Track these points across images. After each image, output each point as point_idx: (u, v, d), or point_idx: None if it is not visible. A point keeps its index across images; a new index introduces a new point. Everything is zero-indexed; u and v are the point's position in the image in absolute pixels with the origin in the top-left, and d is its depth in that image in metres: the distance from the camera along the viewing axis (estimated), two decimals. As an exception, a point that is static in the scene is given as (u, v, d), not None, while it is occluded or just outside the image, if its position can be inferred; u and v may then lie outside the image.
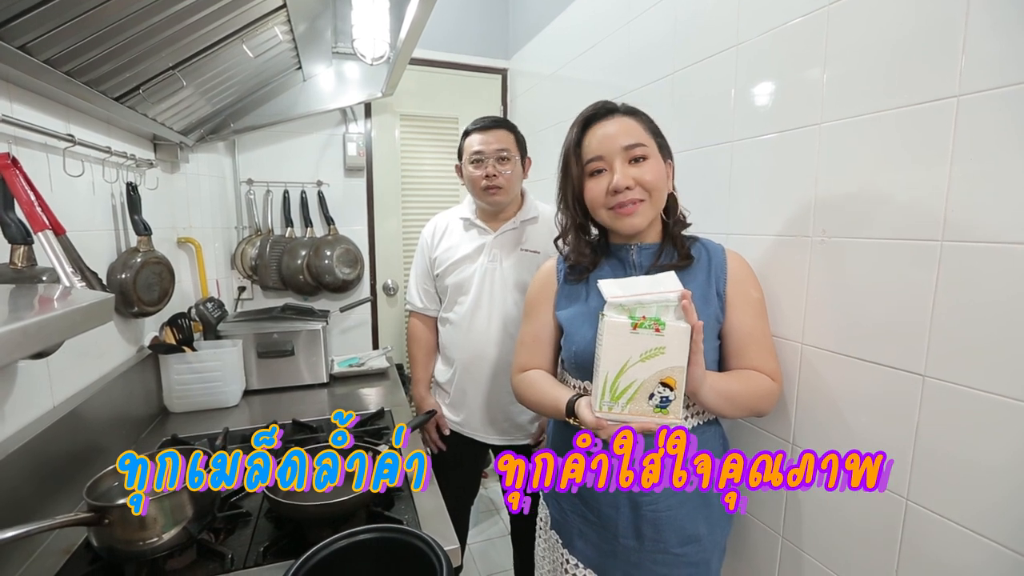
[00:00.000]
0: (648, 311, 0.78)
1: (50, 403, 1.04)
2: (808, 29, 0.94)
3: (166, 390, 1.52)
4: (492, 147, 1.40)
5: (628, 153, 0.91)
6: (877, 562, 0.87)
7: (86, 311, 0.50)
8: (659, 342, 0.77)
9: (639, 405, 0.80)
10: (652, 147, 0.93)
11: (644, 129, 0.94)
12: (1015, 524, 0.69)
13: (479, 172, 1.40)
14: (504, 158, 1.41)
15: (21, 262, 0.84)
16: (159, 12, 0.94)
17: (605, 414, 0.81)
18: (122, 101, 1.17)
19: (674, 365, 0.78)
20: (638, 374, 0.79)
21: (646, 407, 0.80)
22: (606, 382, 0.80)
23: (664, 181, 0.93)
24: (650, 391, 0.79)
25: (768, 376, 0.93)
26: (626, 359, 0.79)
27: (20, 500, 0.88)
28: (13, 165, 0.84)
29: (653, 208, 0.93)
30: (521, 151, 1.46)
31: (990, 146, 0.69)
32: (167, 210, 1.67)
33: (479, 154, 1.40)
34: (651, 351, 0.78)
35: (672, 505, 0.92)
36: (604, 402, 0.81)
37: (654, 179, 0.91)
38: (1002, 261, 0.69)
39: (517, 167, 1.44)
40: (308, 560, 0.78)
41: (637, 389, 0.79)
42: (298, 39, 1.53)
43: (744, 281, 0.95)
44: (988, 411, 0.71)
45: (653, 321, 0.77)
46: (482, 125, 1.44)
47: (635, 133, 0.92)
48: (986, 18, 0.69)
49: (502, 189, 1.40)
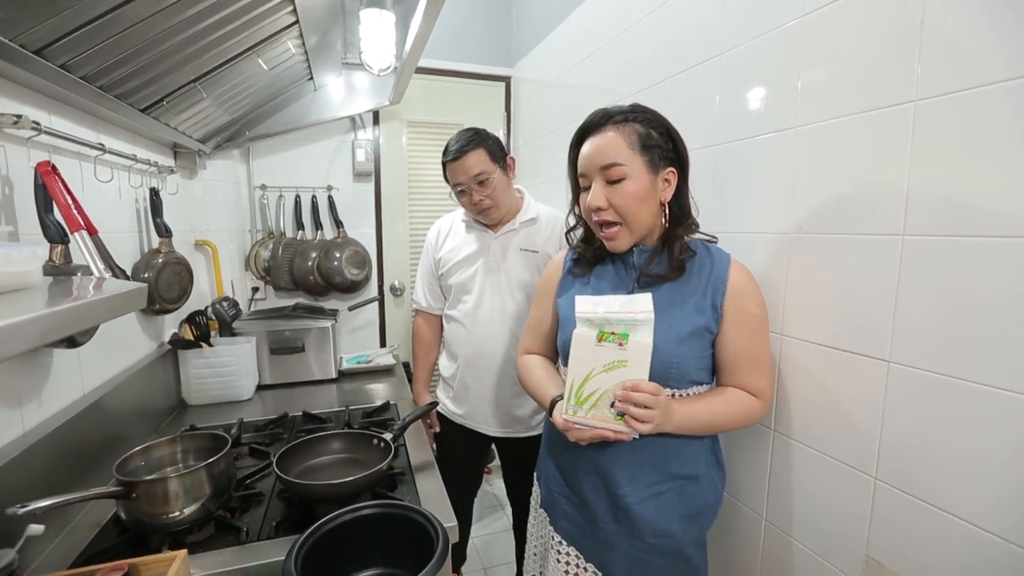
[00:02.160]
0: (616, 327, 0.85)
1: (80, 392, 1.12)
2: (784, 40, 1.00)
3: (184, 383, 1.60)
4: (469, 175, 1.40)
5: (604, 174, 0.92)
6: (851, 538, 0.92)
7: (124, 297, 0.57)
8: (621, 355, 0.84)
9: (601, 412, 0.86)
10: (634, 164, 0.91)
11: (629, 144, 0.91)
12: (976, 500, 0.74)
13: (465, 200, 1.46)
14: (484, 181, 1.41)
15: (59, 260, 0.92)
16: (183, 31, 1.03)
17: (571, 417, 0.88)
18: (148, 112, 1.26)
19: (634, 378, 0.84)
20: (600, 383, 0.85)
21: (607, 414, 0.86)
22: (572, 388, 0.87)
23: (642, 201, 0.92)
24: (611, 400, 0.85)
25: (754, 394, 0.95)
26: (590, 368, 0.86)
27: (53, 479, 0.96)
28: (53, 172, 0.92)
29: (631, 231, 0.94)
30: (498, 160, 1.44)
31: (944, 147, 0.75)
32: (186, 214, 1.76)
33: (459, 185, 1.43)
34: (613, 363, 0.85)
35: (643, 499, 0.95)
36: (570, 406, 0.88)
37: (626, 202, 0.91)
38: (960, 254, 0.74)
39: (500, 179, 1.44)
40: (315, 532, 0.85)
41: (600, 397, 0.86)
42: (309, 52, 1.62)
43: (744, 296, 0.93)
44: (951, 394, 0.76)
45: (618, 336, 0.84)
46: (453, 154, 1.41)
47: (614, 151, 0.91)
48: (940, 32, 0.75)
49: (492, 207, 1.45)
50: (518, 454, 1.56)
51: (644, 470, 0.95)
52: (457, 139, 1.44)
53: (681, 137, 0.96)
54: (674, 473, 0.96)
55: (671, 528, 0.96)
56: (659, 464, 0.96)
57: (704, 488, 0.99)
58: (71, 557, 0.89)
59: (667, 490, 0.96)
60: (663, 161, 0.93)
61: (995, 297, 0.70)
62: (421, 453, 1.30)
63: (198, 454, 1.10)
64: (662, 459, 0.96)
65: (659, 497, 0.96)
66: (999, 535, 0.71)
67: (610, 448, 0.96)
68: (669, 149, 0.94)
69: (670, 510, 0.96)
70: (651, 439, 0.93)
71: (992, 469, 0.71)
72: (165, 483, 0.92)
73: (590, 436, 0.89)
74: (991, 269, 0.70)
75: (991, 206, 0.70)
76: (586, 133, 0.97)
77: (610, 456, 0.96)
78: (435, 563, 0.76)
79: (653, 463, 0.96)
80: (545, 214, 1.53)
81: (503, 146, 1.50)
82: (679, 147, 0.95)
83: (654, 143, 0.93)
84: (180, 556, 0.80)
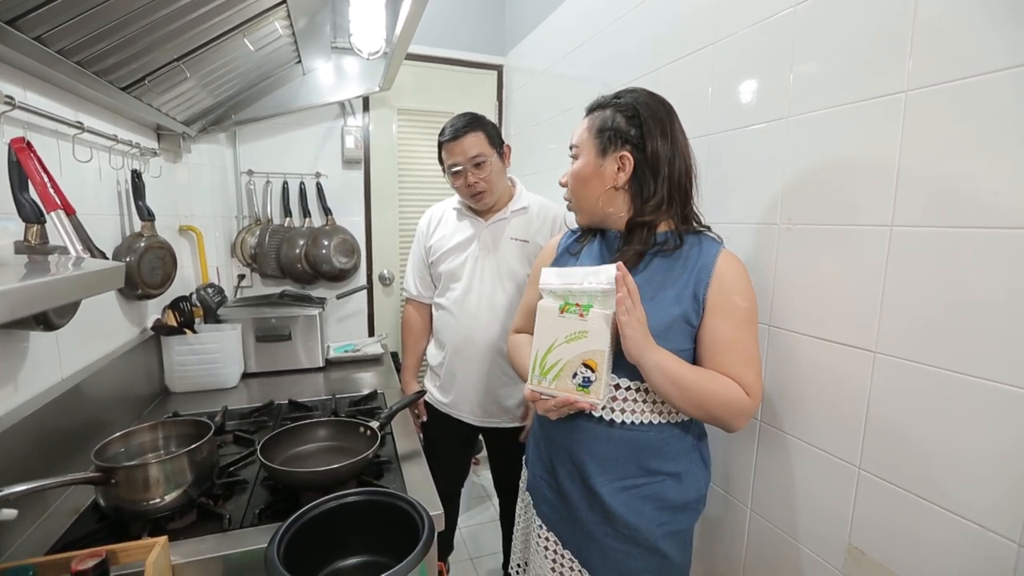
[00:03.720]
0: (579, 299, 0.86)
1: (58, 376, 1.09)
2: (776, 30, 1.00)
3: (167, 370, 1.58)
4: (466, 156, 1.40)
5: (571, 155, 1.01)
6: (834, 527, 0.93)
7: (100, 275, 0.55)
8: (582, 326, 0.85)
9: (564, 382, 0.87)
10: (586, 146, 0.96)
11: (588, 128, 0.97)
12: (959, 490, 0.75)
13: (459, 182, 1.44)
14: (480, 163, 1.41)
15: (35, 239, 0.89)
16: (165, 6, 1.00)
17: (536, 387, 0.89)
18: (128, 91, 1.22)
19: (595, 348, 0.84)
20: (563, 354, 0.87)
21: (570, 384, 0.86)
22: (536, 358, 0.89)
23: (583, 181, 0.97)
24: (573, 370, 0.86)
25: (740, 387, 0.87)
26: (553, 339, 0.87)
27: (29, 464, 0.93)
28: (28, 149, 0.89)
29: (579, 210, 1.02)
30: (496, 146, 1.45)
31: (934, 139, 0.75)
32: (170, 198, 1.72)
33: (455, 166, 1.42)
34: (575, 334, 0.86)
35: (614, 491, 0.94)
36: (535, 376, 0.89)
37: (571, 181, 1.00)
38: (948, 245, 0.74)
39: (496, 164, 1.44)
40: (298, 519, 0.84)
41: (562, 368, 0.87)
42: (298, 34, 1.59)
43: (730, 288, 0.89)
44: (936, 385, 0.77)
45: (580, 307, 0.86)
46: (451, 134, 1.41)
47: (578, 134, 0.99)
48: (931, 22, 0.75)
49: (486, 192, 1.44)
50: (505, 444, 1.56)
51: (618, 463, 0.94)
52: (456, 120, 1.44)
53: (660, 125, 0.91)
54: (652, 469, 0.94)
55: (642, 522, 0.94)
56: (635, 459, 0.94)
57: (686, 485, 0.96)
58: (48, 543, 0.87)
59: (643, 484, 0.94)
60: (614, 145, 0.92)
61: (982, 289, 0.70)
62: (408, 442, 1.29)
63: (180, 441, 1.09)
64: (638, 454, 0.94)
65: (632, 491, 0.94)
66: (981, 524, 0.72)
67: (583, 439, 0.96)
68: (629, 133, 0.91)
69: (643, 504, 0.94)
70: (627, 434, 0.92)
71: (975, 459, 0.72)
72: (145, 469, 0.90)
73: (554, 405, 0.88)
74: (979, 260, 0.70)
75: (980, 197, 0.70)
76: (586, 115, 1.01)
77: (583, 447, 0.96)
78: (420, 550, 0.75)
79: (628, 457, 0.94)
80: (536, 204, 1.53)
81: (500, 133, 1.49)
82: (645, 133, 0.91)
83: (610, 127, 0.93)
84: (160, 543, 0.78)
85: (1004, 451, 0.69)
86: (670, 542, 0.97)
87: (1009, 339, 0.68)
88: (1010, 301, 0.67)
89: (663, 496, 0.95)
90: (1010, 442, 0.68)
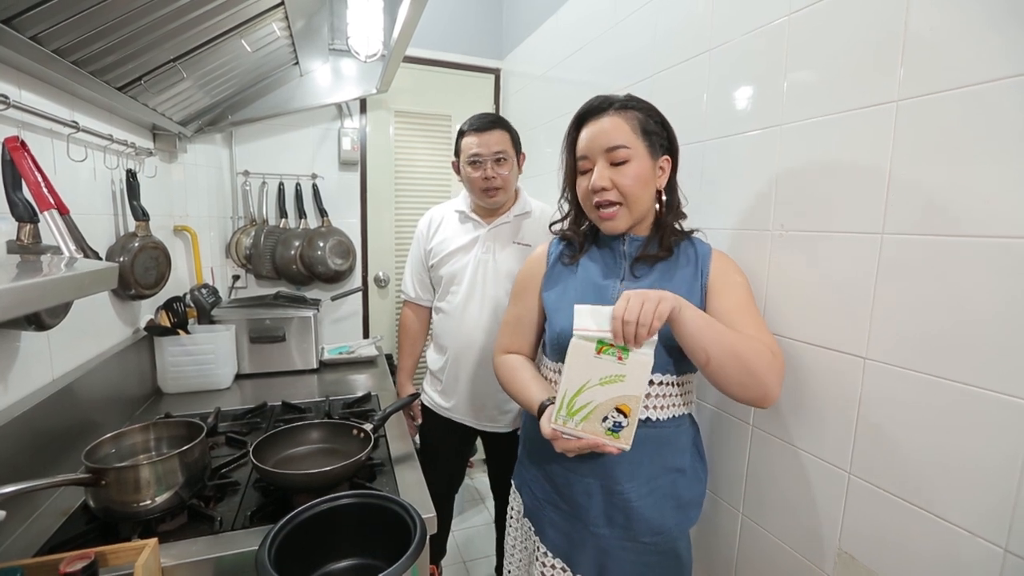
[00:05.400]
0: (616, 340, 0.81)
1: (49, 376, 1.09)
2: (771, 38, 1.01)
3: (160, 371, 1.57)
4: (490, 150, 1.41)
5: (609, 155, 0.93)
6: (824, 532, 0.93)
7: (93, 275, 0.55)
8: (619, 370, 0.81)
9: (592, 425, 0.83)
10: (638, 148, 0.93)
11: (632, 128, 0.93)
12: (948, 496, 0.76)
13: (477, 174, 1.44)
14: (501, 160, 1.43)
15: (27, 239, 0.89)
16: (162, 7, 1.00)
17: (560, 427, 0.85)
18: (124, 91, 1.22)
19: (631, 394, 0.81)
20: (595, 396, 0.82)
21: (599, 428, 0.83)
22: (564, 398, 0.84)
23: (644, 184, 0.94)
24: (604, 414, 0.82)
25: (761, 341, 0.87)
26: (585, 380, 0.82)
27: (18, 465, 0.93)
28: (22, 148, 0.89)
29: (630, 213, 0.95)
30: (516, 149, 1.49)
31: (925, 148, 0.76)
32: (165, 198, 1.72)
33: (477, 156, 1.42)
34: (611, 377, 0.81)
35: (642, 495, 0.94)
36: (560, 416, 0.85)
37: (631, 183, 0.92)
38: (938, 253, 0.75)
39: (514, 166, 1.47)
40: (290, 521, 0.84)
41: (592, 410, 0.83)
42: (295, 35, 1.59)
43: (726, 270, 0.96)
44: (926, 392, 0.77)
45: (618, 349, 0.81)
46: (479, 126, 1.44)
47: (619, 134, 0.92)
48: (923, 33, 0.76)
49: (500, 189, 1.45)
50: (503, 447, 1.55)
51: (644, 465, 0.94)
52: (484, 115, 1.48)
53: (673, 130, 0.98)
54: (668, 465, 0.96)
55: (666, 522, 0.95)
56: (656, 456, 0.95)
57: (690, 479, 0.99)
58: (37, 545, 0.86)
59: (662, 484, 0.96)
60: (660, 149, 0.96)
61: (972, 297, 0.71)
62: (402, 444, 1.29)
63: (172, 442, 1.08)
64: (658, 450, 0.94)
65: (655, 492, 0.95)
66: (968, 529, 0.72)
67: None
68: (664, 138, 0.97)
69: (664, 503, 0.96)
70: (651, 432, 0.92)
71: (964, 465, 0.73)
72: (136, 471, 0.90)
73: (577, 447, 0.86)
74: (969, 269, 0.71)
75: (970, 206, 0.71)
76: (586, 117, 0.98)
77: (611, 455, 0.91)
78: (411, 553, 0.75)
79: (652, 456, 0.94)
80: (539, 208, 1.53)
81: (520, 140, 1.52)
82: (672, 138, 0.98)
83: (653, 130, 0.96)
84: (150, 545, 0.78)
85: (993, 457, 0.69)
86: (683, 543, 1.00)
87: (999, 347, 0.68)
88: (1000, 309, 0.68)
89: (678, 494, 0.97)
90: (999, 449, 0.69)
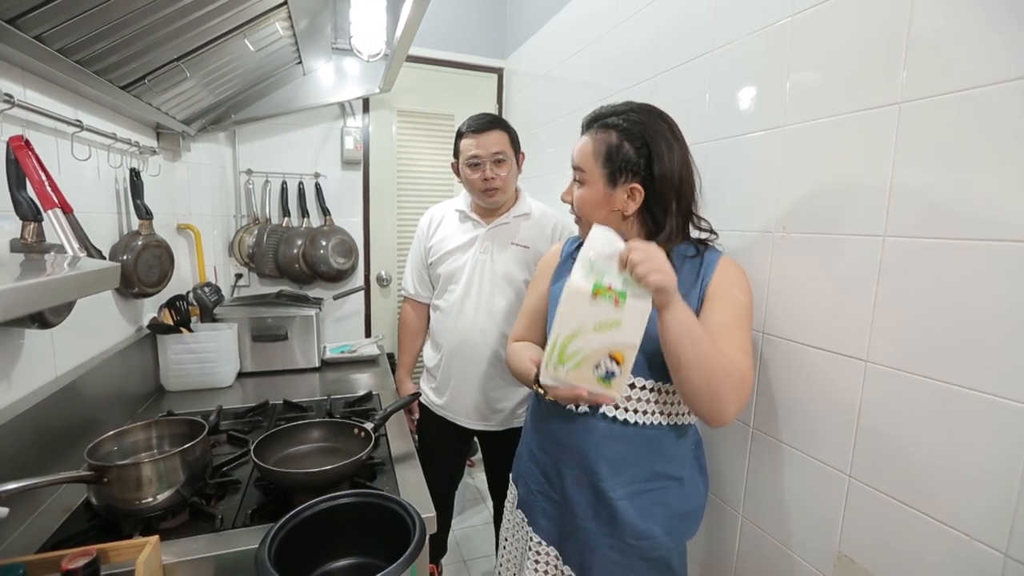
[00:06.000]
0: (614, 282, 0.77)
1: (53, 374, 1.09)
2: (774, 39, 1.00)
3: (163, 369, 1.58)
4: (488, 151, 1.41)
5: (575, 173, 0.97)
6: (824, 535, 0.93)
7: (96, 274, 0.56)
8: (616, 315, 0.77)
9: (584, 372, 0.80)
10: (593, 173, 0.93)
11: (593, 152, 0.92)
12: (948, 499, 0.75)
13: (476, 175, 1.44)
14: (500, 161, 1.43)
15: (31, 238, 0.90)
16: (166, 6, 1.00)
17: (551, 374, 0.82)
18: (128, 90, 1.23)
19: (626, 341, 0.78)
20: (588, 343, 0.78)
21: (591, 375, 0.80)
22: (556, 343, 0.80)
23: (593, 207, 0.94)
24: (596, 361, 0.79)
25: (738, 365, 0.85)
26: (579, 325, 0.79)
27: (21, 462, 0.93)
28: (26, 147, 0.89)
29: (587, 226, 0.91)
30: (515, 149, 1.48)
31: (927, 150, 0.76)
32: (168, 197, 1.72)
33: (475, 158, 1.42)
34: (606, 323, 0.77)
35: (627, 495, 0.93)
36: (551, 363, 0.81)
37: (579, 204, 0.96)
38: (939, 256, 0.75)
39: (513, 166, 1.47)
40: (290, 520, 0.84)
41: (585, 356, 0.79)
42: (298, 35, 1.59)
43: (730, 282, 0.92)
44: (927, 395, 0.77)
45: (615, 294, 0.77)
46: (476, 127, 1.44)
47: (582, 156, 0.95)
48: (926, 35, 0.76)
49: (500, 190, 1.45)
50: (500, 447, 1.56)
51: (630, 465, 0.94)
52: (482, 116, 1.47)
53: (668, 153, 0.90)
54: (659, 472, 0.95)
55: (653, 530, 0.94)
56: (645, 459, 0.94)
57: (688, 491, 0.97)
58: (39, 542, 0.87)
59: (652, 489, 0.94)
60: (625, 175, 0.90)
61: (973, 300, 0.71)
62: (402, 443, 1.29)
63: (173, 440, 1.09)
64: (648, 455, 0.94)
65: (643, 496, 0.94)
66: (968, 534, 0.72)
67: (595, 440, 0.94)
68: (639, 165, 0.90)
69: (653, 510, 0.94)
70: (640, 432, 0.92)
71: (964, 470, 0.73)
72: (138, 468, 0.90)
73: (565, 394, 0.85)
74: (971, 272, 0.71)
75: (972, 209, 0.71)
76: (583, 127, 0.99)
77: (595, 448, 0.95)
78: (411, 552, 0.75)
79: (639, 459, 0.94)
80: (539, 210, 1.53)
81: (519, 140, 1.52)
82: (654, 165, 0.90)
83: (620, 157, 0.90)
84: (151, 542, 0.79)
85: (993, 462, 0.69)
86: (676, 555, 0.97)
87: (1000, 351, 0.68)
88: (1001, 313, 0.68)
89: (669, 502, 0.95)
90: (999, 453, 0.68)
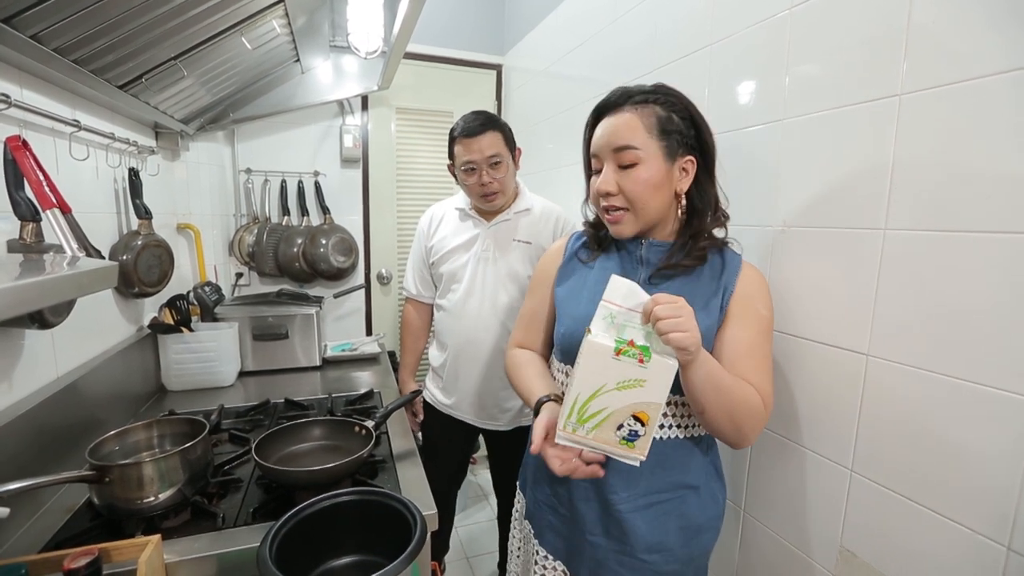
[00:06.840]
0: (636, 337, 0.73)
1: (54, 374, 1.09)
2: (773, 32, 1.00)
3: (164, 368, 1.58)
4: (483, 155, 1.37)
5: (617, 157, 0.86)
6: (826, 529, 0.93)
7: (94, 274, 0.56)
8: (640, 374, 0.72)
9: (605, 433, 0.75)
10: (650, 149, 0.84)
11: (646, 127, 0.85)
12: (950, 494, 0.75)
13: (473, 180, 1.41)
14: (496, 163, 1.39)
15: (30, 238, 0.90)
16: (162, 4, 1.00)
17: (568, 435, 0.77)
18: (126, 89, 1.22)
19: (651, 400, 0.73)
20: (611, 402, 0.74)
21: (612, 436, 0.75)
22: (575, 403, 0.75)
23: (654, 189, 0.85)
24: (619, 422, 0.74)
25: (759, 395, 0.82)
26: (601, 384, 0.74)
27: (23, 463, 0.93)
28: (24, 147, 0.89)
29: (637, 219, 0.88)
30: (511, 147, 1.44)
31: (928, 142, 0.75)
32: (167, 196, 1.72)
33: (470, 163, 1.39)
34: (629, 382, 0.73)
35: (639, 507, 0.88)
36: (569, 422, 0.76)
37: (638, 189, 0.85)
38: (940, 248, 0.75)
39: (510, 166, 1.44)
40: (292, 518, 0.84)
41: (606, 417, 0.75)
42: (296, 33, 1.59)
43: (754, 296, 0.87)
44: (928, 389, 0.77)
45: (638, 350, 0.72)
46: (468, 131, 1.38)
47: (630, 133, 0.85)
48: (926, 26, 0.75)
49: (499, 193, 1.43)
50: (505, 445, 1.56)
51: (643, 476, 0.87)
52: (474, 118, 1.40)
53: (707, 124, 0.88)
54: (675, 482, 0.89)
55: (666, 542, 0.88)
56: (659, 471, 0.88)
57: (705, 500, 0.91)
58: (41, 542, 0.87)
59: (666, 500, 0.89)
60: (682, 148, 0.86)
61: (974, 293, 0.70)
62: (404, 441, 1.29)
63: (175, 439, 1.09)
64: (662, 465, 0.88)
65: (655, 507, 0.88)
66: (970, 527, 0.72)
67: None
68: (691, 136, 0.86)
69: (666, 521, 0.88)
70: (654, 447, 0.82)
71: (966, 464, 0.72)
72: (139, 468, 0.90)
73: (584, 460, 0.80)
74: (972, 264, 0.71)
75: (973, 201, 0.70)
76: (602, 112, 0.90)
77: (608, 460, 0.84)
78: (412, 550, 0.75)
79: (652, 469, 0.86)
80: (539, 206, 1.52)
81: (514, 135, 1.48)
82: (703, 134, 0.87)
83: (674, 128, 0.85)
84: (153, 541, 0.79)
85: (995, 456, 0.69)
86: (690, 569, 0.92)
87: (1001, 343, 0.68)
88: (1002, 305, 0.67)
89: (685, 513, 0.89)
90: (1001, 447, 0.68)
